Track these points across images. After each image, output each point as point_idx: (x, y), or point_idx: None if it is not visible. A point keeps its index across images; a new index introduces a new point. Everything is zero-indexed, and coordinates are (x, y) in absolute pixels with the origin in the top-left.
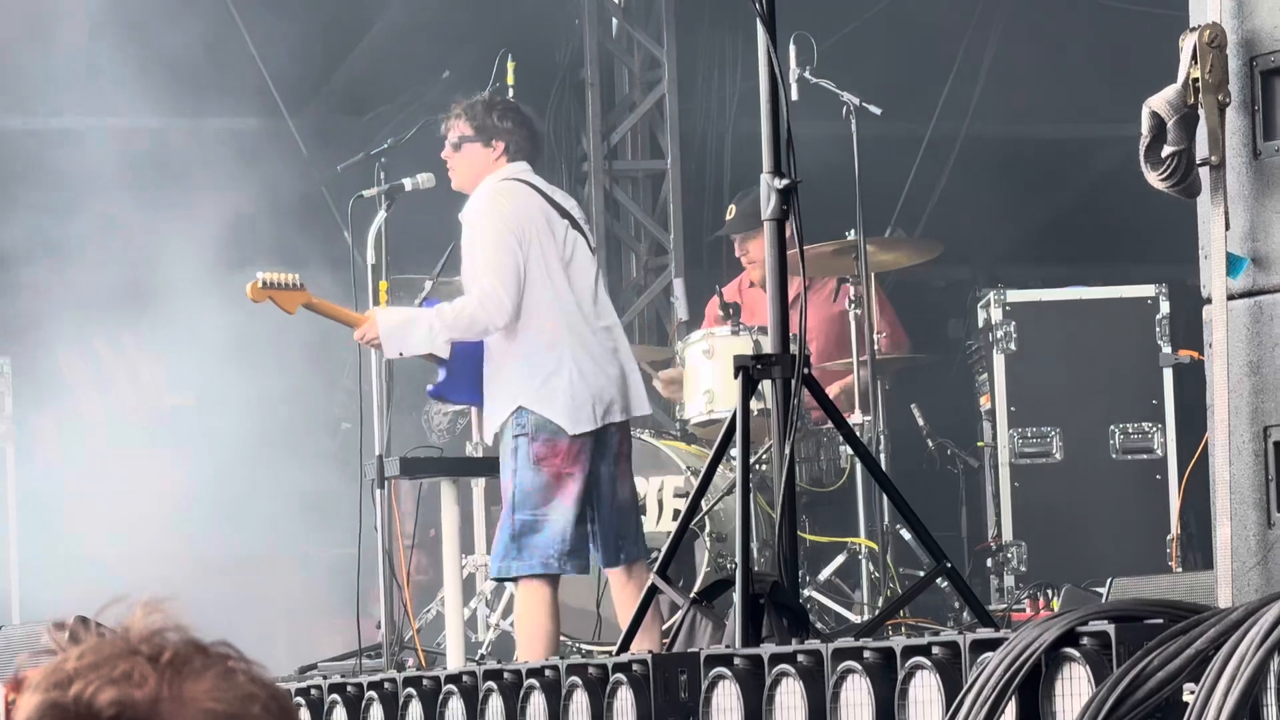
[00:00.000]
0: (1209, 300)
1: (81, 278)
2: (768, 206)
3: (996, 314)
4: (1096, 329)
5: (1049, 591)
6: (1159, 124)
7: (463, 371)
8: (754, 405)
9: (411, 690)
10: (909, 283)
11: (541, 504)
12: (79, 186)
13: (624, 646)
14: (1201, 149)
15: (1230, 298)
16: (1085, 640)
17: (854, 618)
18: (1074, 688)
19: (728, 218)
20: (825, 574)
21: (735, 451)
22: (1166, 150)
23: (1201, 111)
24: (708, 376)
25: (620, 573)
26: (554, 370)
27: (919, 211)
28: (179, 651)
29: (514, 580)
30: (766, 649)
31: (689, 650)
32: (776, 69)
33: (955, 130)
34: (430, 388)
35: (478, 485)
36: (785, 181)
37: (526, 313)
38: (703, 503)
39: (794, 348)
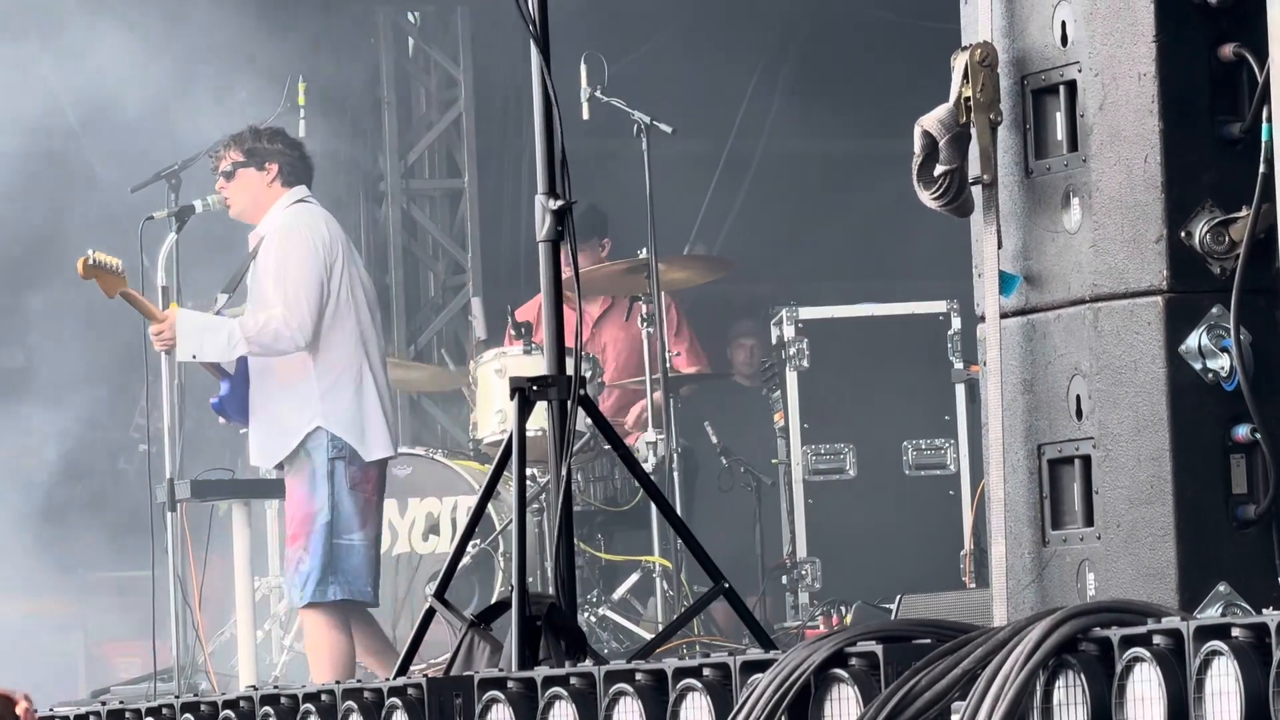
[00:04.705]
0: (983, 318)
1: None
2: (542, 228)
3: (789, 331)
4: (889, 345)
5: (842, 609)
6: (931, 143)
7: (244, 389)
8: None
9: (189, 716)
10: (708, 301)
11: (358, 528)
12: None
13: (402, 670)
14: (974, 168)
15: (1003, 316)
16: (854, 661)
17: (648, 636)
18: (843, 708)
19: None
20: (619, 593)
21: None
22: (939, 169)
23: (973, 130)
24: (500, 396)
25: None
26: (357, 395)
27: (717, 230)
28: None
29: (314, 606)
30: (540, 672)
31: (465, 673)
32: (550, 90)
33: (752, 148)
34: (214, 401)
35: (270, 507)
36: (560, 203)
37: (329, 336)
38: (496, 522)
39: (587, 369)
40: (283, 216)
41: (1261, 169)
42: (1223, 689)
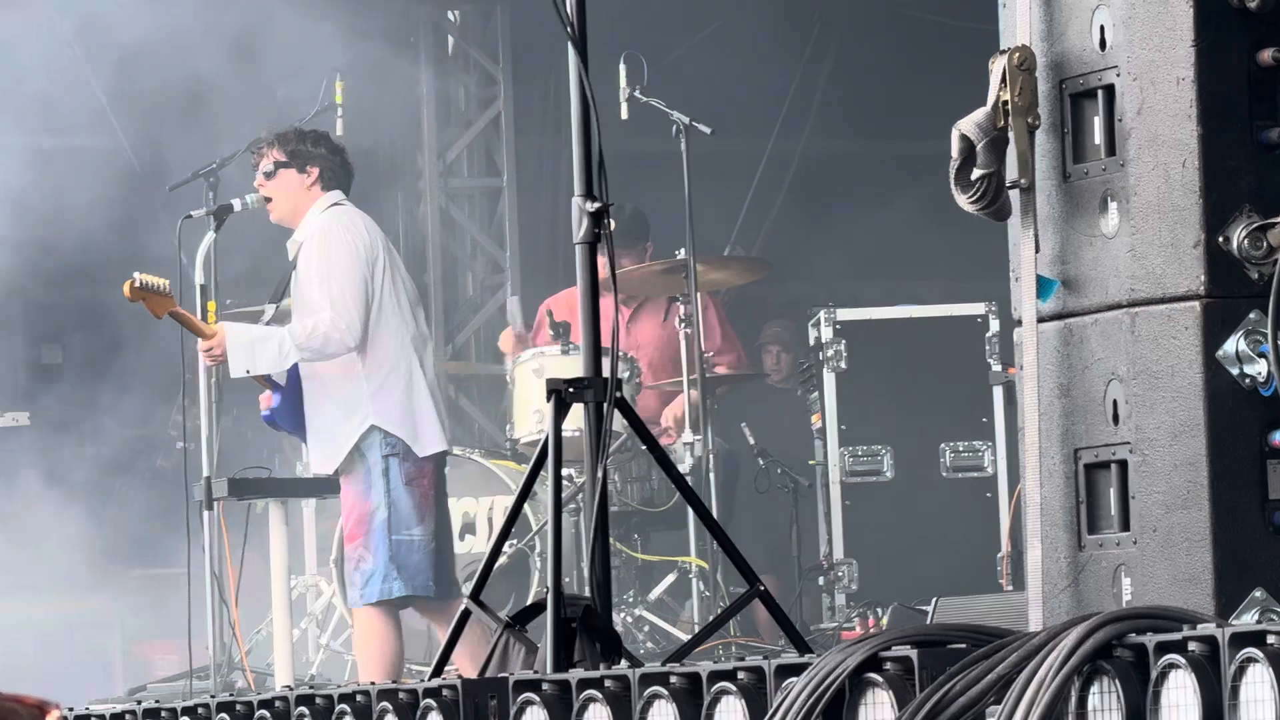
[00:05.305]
0: (1020, 322)
1: None
2: (579, 230)
3: (827, 332)
4: (926, 347)
5: (878, 610)
6: (968, 146)
7: (297, 399)
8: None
9: (225, 716)
10: (746, 302)
11: (416, 524)
12: None
13: (437, 671)
14: (1011, 172)
15: (1040, 320)
16: (888, 665)
17: (684, 636)
18: (877, 713)
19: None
20: (656, 593)
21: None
22: (976, 173)
23: (1011, 134)
24: (538, 396)
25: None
26: (407, 392)
27: (756, 231)
28: None
29: (378, 604)
30: (575, 674)
31: (500, 675)
32: (588, 92)
33: (792, 149)
34: (265, 413)
35: (308, 506)
36: (597, 205)
37: (375, 337)
38: (532, 523)
39: (625, 370)
40: (320, 220)
41: None
42: (1258, 696)
